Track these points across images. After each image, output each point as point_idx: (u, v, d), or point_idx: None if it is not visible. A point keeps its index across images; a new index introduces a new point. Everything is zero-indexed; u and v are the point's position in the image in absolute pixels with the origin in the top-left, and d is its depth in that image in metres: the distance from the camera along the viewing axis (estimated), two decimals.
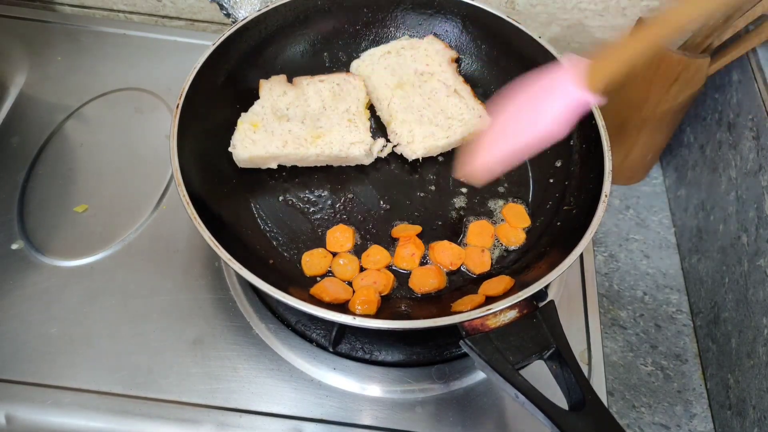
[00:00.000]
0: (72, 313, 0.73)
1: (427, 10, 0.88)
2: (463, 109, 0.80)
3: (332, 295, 0.65)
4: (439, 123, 0.79)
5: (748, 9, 0.84)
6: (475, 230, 0.74)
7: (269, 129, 0.75)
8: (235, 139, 0.75)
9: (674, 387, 0.87)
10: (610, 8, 0.97)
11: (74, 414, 0.67)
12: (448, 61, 0.85)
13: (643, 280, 0.97)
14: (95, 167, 0.87)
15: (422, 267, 0.71)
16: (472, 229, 0.74)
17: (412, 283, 0.70)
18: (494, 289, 0.63)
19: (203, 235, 0.60)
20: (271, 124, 0.76)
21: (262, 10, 0.80)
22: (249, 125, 0.75)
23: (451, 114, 0.80)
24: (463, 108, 0.81)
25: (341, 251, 0.71)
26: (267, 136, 0.75)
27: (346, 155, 0.76)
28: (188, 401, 0.68)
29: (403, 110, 0.80)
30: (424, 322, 0.59)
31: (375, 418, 0.68)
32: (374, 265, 0.70)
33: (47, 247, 0.78)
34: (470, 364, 0.72)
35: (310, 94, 0.80)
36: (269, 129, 0.75)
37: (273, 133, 0.75)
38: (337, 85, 0.81)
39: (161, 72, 0.99)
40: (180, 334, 0.72)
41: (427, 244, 0.73)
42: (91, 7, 1.12)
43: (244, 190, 0.76)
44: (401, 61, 0.85)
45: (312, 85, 0.81)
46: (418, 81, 0.83)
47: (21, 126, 0.90)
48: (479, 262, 0.71)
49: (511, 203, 0.77)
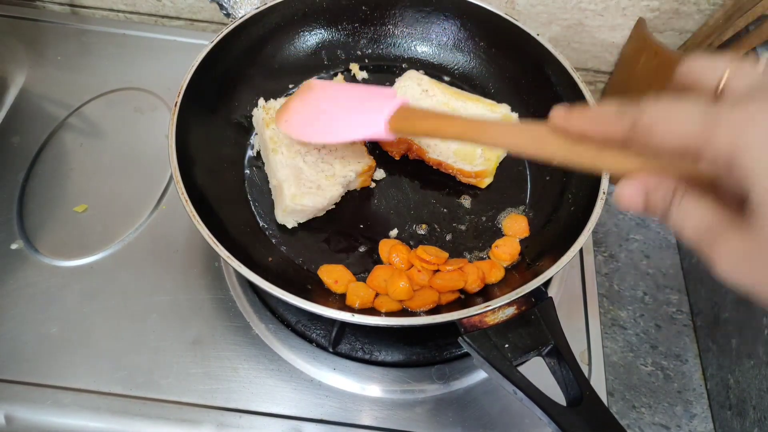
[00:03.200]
0: (72, 313, 0.73)
1: (425, 7, 0.88)
2: None
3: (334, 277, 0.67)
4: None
5: (748, 9, 0.84)
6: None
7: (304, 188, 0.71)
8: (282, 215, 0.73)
9: (674, 387, 0.87)
10: (610, 8, 0.97)
11: (74, 414, 0.67)
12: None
13: (643, 280, 0.97)
14: (95, 167, 0.87)
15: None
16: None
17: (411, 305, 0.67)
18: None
19: (202, 233, 0.60)
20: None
21: (260, 8, 0.80)
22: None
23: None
24: None
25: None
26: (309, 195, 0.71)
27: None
28: (188, 401, 0.68)
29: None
30: (422, 318, 0.59)
31: (375, 418, 0.68)
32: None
33: (47, 246, 0.78)
34: (470, 364, 0.72)
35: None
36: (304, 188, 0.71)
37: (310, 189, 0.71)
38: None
39: (161, 72, 0.99)
40: (180, 334, 0.72)
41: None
42: (91, 7, 1.12)
43: (244, 189, 0.76)
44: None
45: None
46: None
47: (21, 126, 0.90)
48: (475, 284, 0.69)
49: (513, 215, 0.77)
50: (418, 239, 0.74)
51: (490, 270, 0.69)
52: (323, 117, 0.66)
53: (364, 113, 0.61)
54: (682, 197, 0.34)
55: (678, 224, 0.34)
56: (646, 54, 0.93)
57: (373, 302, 0.65)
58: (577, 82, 0.75)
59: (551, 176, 0.78)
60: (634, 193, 0.36)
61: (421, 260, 0.67)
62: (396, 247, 0.70)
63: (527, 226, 0.75)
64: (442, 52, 0.91)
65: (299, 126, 0.68)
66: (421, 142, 0.78)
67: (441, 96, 0.82)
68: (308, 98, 0.68)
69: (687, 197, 0.34)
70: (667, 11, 0.96)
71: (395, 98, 0.58)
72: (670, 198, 0.34)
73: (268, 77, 0.84)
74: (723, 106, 0.30)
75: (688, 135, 0.31)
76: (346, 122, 0.63)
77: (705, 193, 0.33)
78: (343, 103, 0.65)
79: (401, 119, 0.57)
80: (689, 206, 0.33)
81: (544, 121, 0.40)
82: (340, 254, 0.72)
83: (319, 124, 0.66)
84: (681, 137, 0.31)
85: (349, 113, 0.64)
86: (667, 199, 0.34)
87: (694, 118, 0.31)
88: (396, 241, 0.72)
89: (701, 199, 0.33)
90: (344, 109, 0.65)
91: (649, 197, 0.35)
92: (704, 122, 0.30)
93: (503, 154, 0.80)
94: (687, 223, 0.33)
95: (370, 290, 0.66)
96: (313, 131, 0.66)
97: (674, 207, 0.34)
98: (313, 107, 0.67)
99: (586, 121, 0.37)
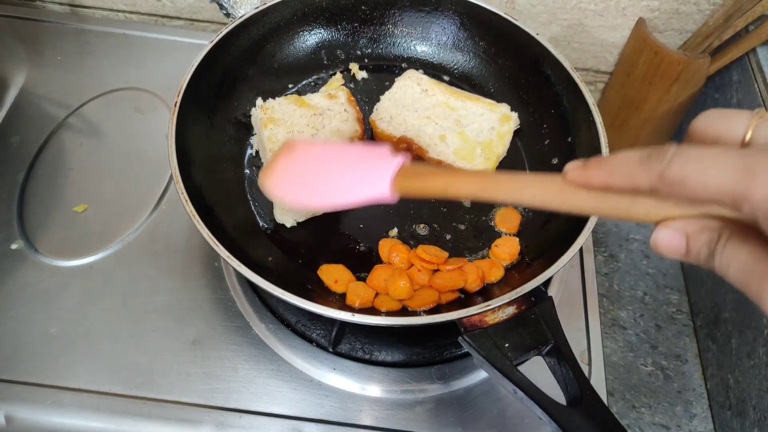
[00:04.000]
0: (72, 313, 0.73)
1: (425, 7, 0.88)
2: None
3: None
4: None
5: (748, 9, 0.85)
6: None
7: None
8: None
9: (674, 387, 0.87)
10: (610, 8, 0.97)
11: (74, 414, 0.67)
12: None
13: (643, 280, 0.97)
14: (95, 167, 0.87)
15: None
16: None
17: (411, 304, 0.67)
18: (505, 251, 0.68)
19: (202, 233, 0.60)
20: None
21: (260, 8, 0.80)
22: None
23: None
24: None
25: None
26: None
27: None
28: (188, 401, 0.68)
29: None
30: (423, 318, 0.59)
31: (375, 419, 0.68)
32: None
33: (47, 246, 0.78)
34: (470, 364, 0.72)
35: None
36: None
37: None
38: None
39: (161, 72, 0.99)
40: (180, 334, 0.72)
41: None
42: (91, 7, 1.12)
43: (244, 189, 0.76)
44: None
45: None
46: None
47: (21, 125, 0.90)
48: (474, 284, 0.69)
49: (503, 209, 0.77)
50: (418, 239, 0.74)
51: (490, 269, 0.69)
52: (316, 178, 0.58)
53: (363, 175, 0.54)
54: (726, 241, 0.32)
55: (723, 268, 0.32)
56: (646, 54, 0.93)
57: (373, 302, 0.65)
58: (576, 82, 0.75)
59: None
60: (675, 239, 0.34)
61: (420, 260, 0.67)
62: (396, 247, 0.70)
63: (519, 219, 0.75)
64: (441, 52, 0.91)
65: (291, 189, 0.59)
66: (420, 141, 0.78)
67: (441, 96, 0.82)
68: (295, 159, 0.59)
69: (731, 240, 0.32)
70: (667, 11, 0.96)
71: (395, 156, 0.52)
72: (714, 242, 0.33)
73: (268, 77, 0.84)
74: (759, 155, 0.29)
75: (725, 187, 0.29)
76: (344, 185, 0.56)
77: (749, 233, 0.32)
78: (337, 163, 0.58)
79: (408, 179, 0.51)
80: (733, 248, 0.32)
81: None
82: (340, 254, 0.72)
83: (314, 188, 0.57)
84: (716, 191, 0.30)
85: (346, 175, 0.56)
86: (711, 245, 0.33)
87: (730, 169, 0.29)
88: (396, 240, 0.72)
89: (745, 241, 0.32)
90: (339, 169, 0.57)
91: (690, 243, 0.34)
92: (742, 173, 0.29)
93: (503, 154, 0.80)
94: (732, 265, 0.32)
95: (370, 290, 0.66)
96: (308, 195, 0.58)
97: (718, 252, 0.32)
98: (303, 169, 0.59)
99: (607, 174, 0.35)
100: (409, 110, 0.81)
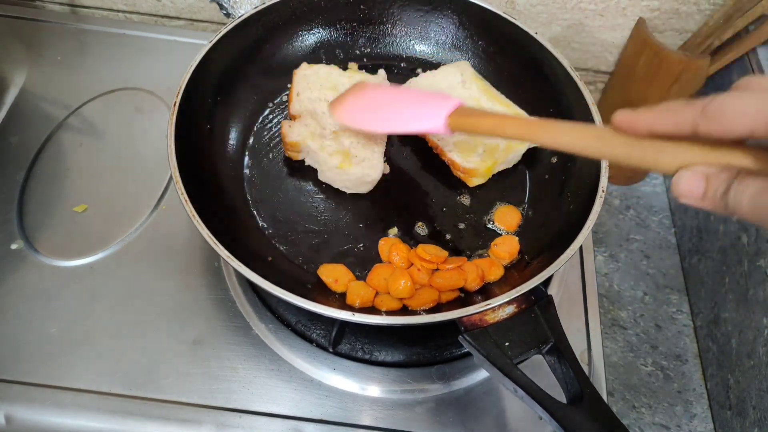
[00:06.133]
0: (72, 313, 0.73)
1: (424, 6, 0.88)
2: None
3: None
4: None
5: (748, 9, 0.85)
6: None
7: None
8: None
9: (674, 387, 0.87)
10: (610, 8, 0.97)
11: (74, 414, 0.67)
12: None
13: (643, 280, 0.97)
14: (95, 167, 0.87)
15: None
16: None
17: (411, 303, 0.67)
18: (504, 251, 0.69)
19: (202, 233, 0.60)
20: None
21: (259, 8, 0.80)
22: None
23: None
24: None
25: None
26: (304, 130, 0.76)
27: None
28: (188, 401, 0.68)
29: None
30: (423, 317, 0.59)
31: (375, 419, 0.68)
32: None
33: (47, 247, 0.78)
34: (470, 364, 0.72)
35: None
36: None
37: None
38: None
39: (161, 72, 0.99)
40: (180, 334, 0.72)
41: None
42: (90, 7, 1.12)
43: (244, 189, 0.76)
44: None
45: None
46: None
47: (21, 126, 0.90)
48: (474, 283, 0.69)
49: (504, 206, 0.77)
50: (418, 238, 0.74)
51: (490, 268, 0.69)
52: (381, 108, 0.68)
53: (423, 108, 0.63)
54: (742, 178, 0.35)
55: (737, 202, 0.35)
56: (646, 54, 0.93)
57: (373, 301, 0.65)
58: (576, 82, 0.75)
59: (550, 175, 0.78)
60: (694, 179, 0.36)
61: (420, 259, 0.67)
62: (396, 246, 0.70)
63: (518, 218, 0.75)
64: (440, 51, 0.91)
65: (355, 113, 0.69)
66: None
67: (475, 91, 0.82)
68: (364, 93, 0.70)
69: (746, 177, 0.35)
70: (667, 11, 0.96)
71: (453, 99, 0.60)
72: (731, 180, 0.35)
73: (267, 76, 0.84)
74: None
75: (762, 113, 0.32)
76: (404, 114, 0.66)
77: (764, 176, 0.34)
78: (401, 99, 0.68)
79: (462, 117, 0.58)
80: (748, 182, 0.34)
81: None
82: (340, 253, 0.72)
83: (377, 114, 0.68)
84: (752, 117, 0.33)
85: (408, 107, 0.66)
86: (728, 182, 0.35)
87: (765, 100, 0.32)
88: (396, 239, 0.72)
89: (759, 176, 0.34)
90: (402, 103, 0.67)
91: (708, 183, 0.36)
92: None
93: (503, 164, 0.79)
94: (746, 196, 0.34)
95: (370, 289, 0.66)
96: (369, 119, 0.68)
97: (733, 187, 0.35)
98: (369, 100, 0.69)
99: (653, 116, 0.38)
100: None
